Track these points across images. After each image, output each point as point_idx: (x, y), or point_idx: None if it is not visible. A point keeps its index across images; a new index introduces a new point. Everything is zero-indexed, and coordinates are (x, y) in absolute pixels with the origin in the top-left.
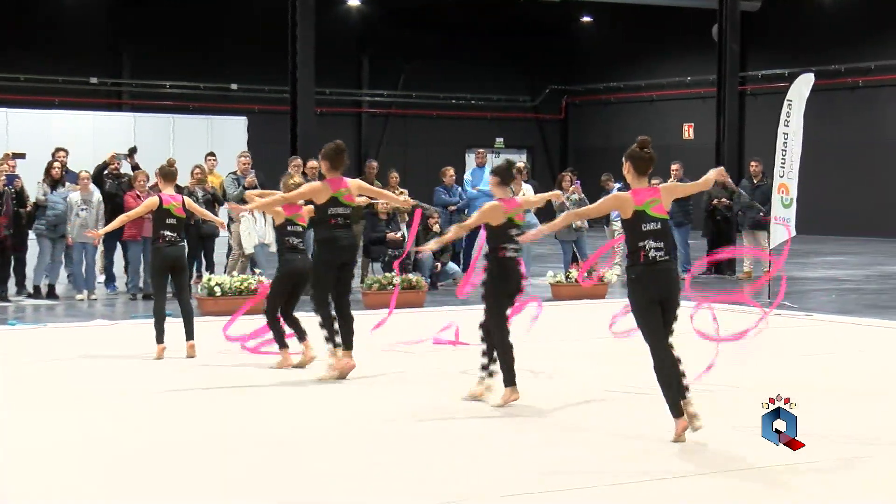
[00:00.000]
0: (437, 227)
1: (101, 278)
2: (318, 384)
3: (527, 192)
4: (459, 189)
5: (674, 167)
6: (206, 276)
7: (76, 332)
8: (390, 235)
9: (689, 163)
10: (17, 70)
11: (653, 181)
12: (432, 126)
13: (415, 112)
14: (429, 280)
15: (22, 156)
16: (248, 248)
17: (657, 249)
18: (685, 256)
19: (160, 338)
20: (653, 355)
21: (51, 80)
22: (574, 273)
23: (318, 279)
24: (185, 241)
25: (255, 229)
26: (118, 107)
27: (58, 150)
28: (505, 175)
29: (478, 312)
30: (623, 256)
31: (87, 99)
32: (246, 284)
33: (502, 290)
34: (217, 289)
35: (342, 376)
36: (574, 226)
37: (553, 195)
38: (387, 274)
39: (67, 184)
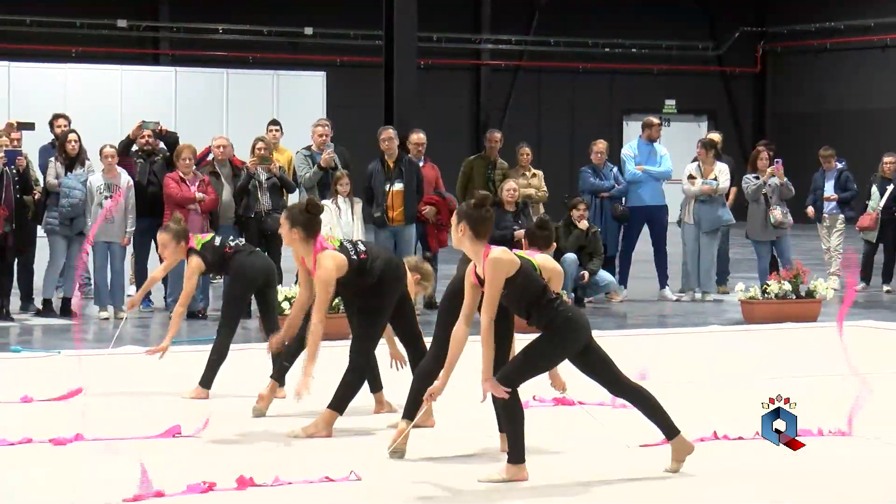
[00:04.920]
0: (583, 223)
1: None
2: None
3: (721, 174)
4: (615, 170)
5: (887, 160)
6: None
7: (99, 362)
8: (520, 234)
9: None
10: (23, 10)
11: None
12: (577, 84)
13: (553, 65)
14: (572, 295)
15: (29, 126)
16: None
17: None
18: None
19: (210, 381)
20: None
21: (66, 24)
22: (773, 286)
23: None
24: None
25: (339, 223)
26: (154, 58)
27: (57, 116)
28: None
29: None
30: (840, 265)
31: (114, 48)
32: None
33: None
34: (286, 304)
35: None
36: (773, 220)
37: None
38: None
39: (87, 163)
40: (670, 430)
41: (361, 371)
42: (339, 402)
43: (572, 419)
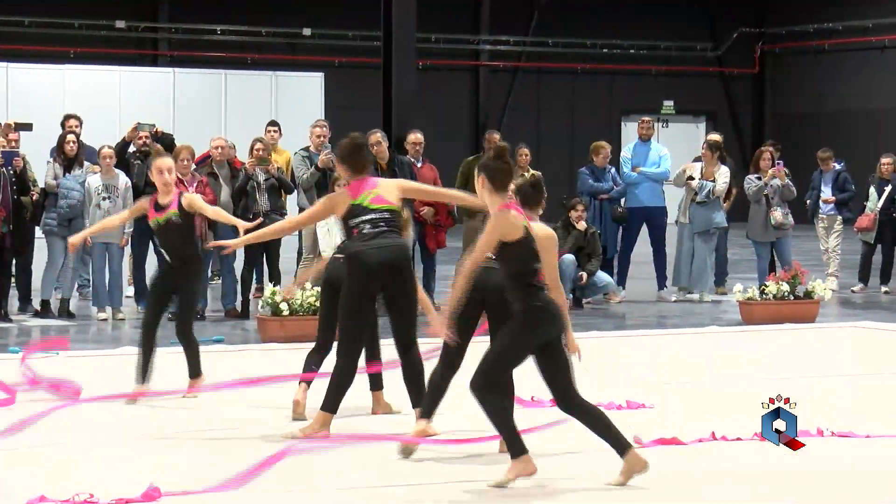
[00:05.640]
0: (582, 224)
1: (129, 291)
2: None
3: (720, 176)
4: (613, 171)
5: (885, 161)
6: (269, 288)
7: (97, 363)
8: None
9: None
10: (21, 11)
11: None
12: (576, 84)
13: (552, 65)
14: (570, 296)
15: (27, 126)
16: (327, 251)
17: None
18: None
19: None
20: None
21: (65, 25)
22: (771, 287)
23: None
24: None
25: (335, 226)
26: (153, 59)
27: (68, 117)
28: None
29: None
30: (838, 266)
31: (113, 49)
32: None
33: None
34: (284, 306)
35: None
36: (773, 221)
37: None
38: None
39: (86, 164)
40: (622, 447)
41: (345, 370)
42: (332, 403)
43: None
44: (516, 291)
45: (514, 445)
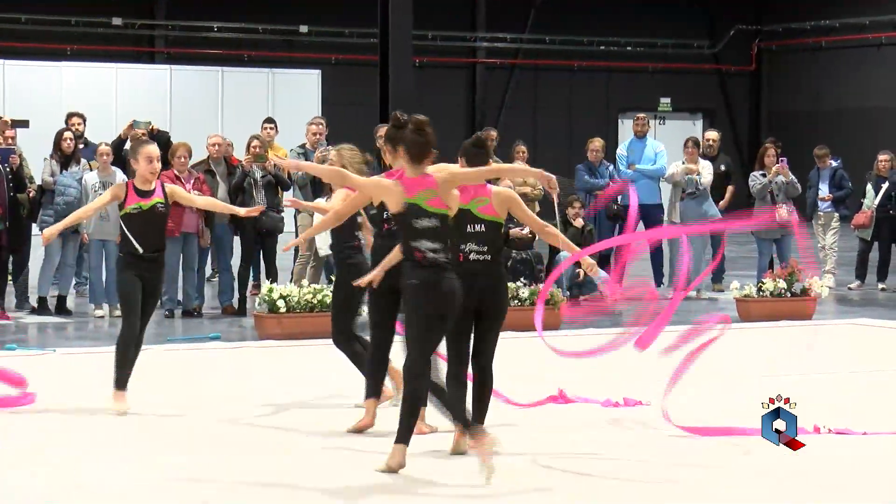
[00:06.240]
0: (578, 221)
1: None
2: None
3: (704, 169)
4: (610, 168)
5: (882, 158)
6: (265, 285)
7: (94, 360)
8: (514, 232)
9: None
10: (18, 8)
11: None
12: (573, 82)
13: (549, 63)
14: (567, 293)
15: (24, 123)
16: (323, 249)
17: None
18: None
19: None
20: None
21: (62, 22)
22: (768, 284)
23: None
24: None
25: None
26: (150, 57)
27: (72, 115)
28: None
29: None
30: (835, 263)
31: (110, 46)
32: (320, 297)
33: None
34: (281, 303)
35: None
36: (778, 218)
37: (534, 174)
38: (510, 284)
39: (83, 161)
40: (463, 421)
41: (366, 356)
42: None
43: (576, 417)
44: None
45: (461, 417)
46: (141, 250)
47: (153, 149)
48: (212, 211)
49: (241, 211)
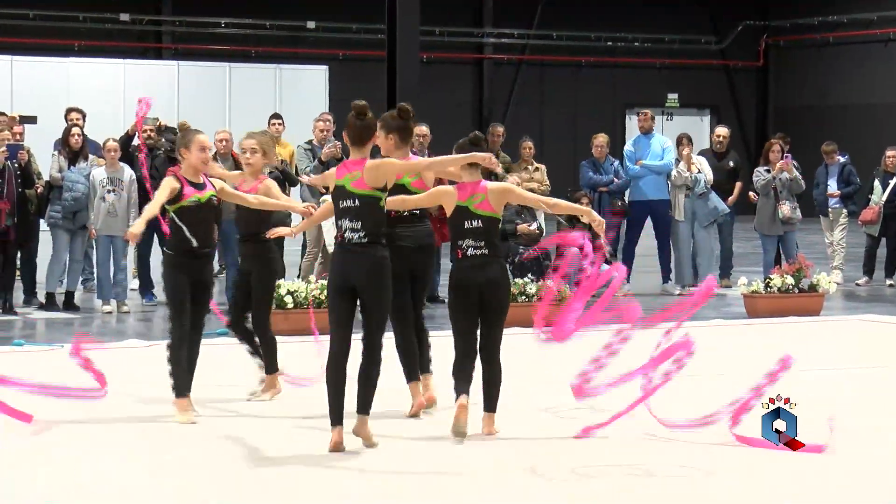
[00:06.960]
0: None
1: (133, 284)
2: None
3: (702, 165)
4: (616, 164)
5: (890, 154)
6: None
7: (102, 356)
8: (522, 228)
9: None
10: (26, 4)
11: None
12: (580, 78)
13: (556, 59)
14: (574, 289)
15: (31, 119)
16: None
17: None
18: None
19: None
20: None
21: (69, 18)
22: (776, 280)
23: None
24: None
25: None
26: (157, 53)
27: (70, 111)
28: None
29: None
30: (843, 259)
31: (117, 42)
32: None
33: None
34: (289, 299)
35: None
36: (781, 215)
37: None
38: (518, 280)
39: (91, 157)
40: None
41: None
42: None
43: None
44: None
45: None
46: (197, 245)
47: (205, 138)
48: (218, 207)
49: (300, 206)
